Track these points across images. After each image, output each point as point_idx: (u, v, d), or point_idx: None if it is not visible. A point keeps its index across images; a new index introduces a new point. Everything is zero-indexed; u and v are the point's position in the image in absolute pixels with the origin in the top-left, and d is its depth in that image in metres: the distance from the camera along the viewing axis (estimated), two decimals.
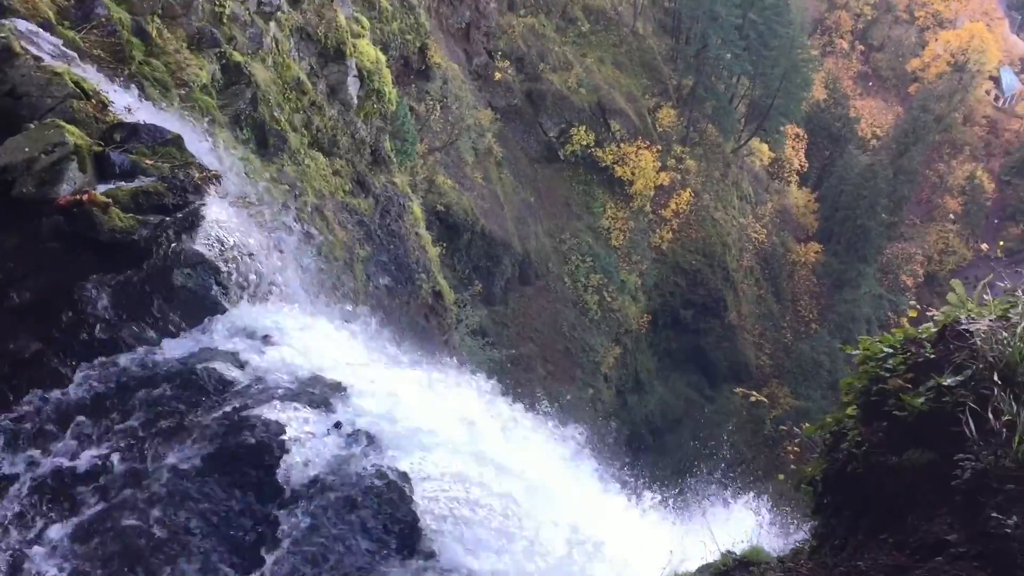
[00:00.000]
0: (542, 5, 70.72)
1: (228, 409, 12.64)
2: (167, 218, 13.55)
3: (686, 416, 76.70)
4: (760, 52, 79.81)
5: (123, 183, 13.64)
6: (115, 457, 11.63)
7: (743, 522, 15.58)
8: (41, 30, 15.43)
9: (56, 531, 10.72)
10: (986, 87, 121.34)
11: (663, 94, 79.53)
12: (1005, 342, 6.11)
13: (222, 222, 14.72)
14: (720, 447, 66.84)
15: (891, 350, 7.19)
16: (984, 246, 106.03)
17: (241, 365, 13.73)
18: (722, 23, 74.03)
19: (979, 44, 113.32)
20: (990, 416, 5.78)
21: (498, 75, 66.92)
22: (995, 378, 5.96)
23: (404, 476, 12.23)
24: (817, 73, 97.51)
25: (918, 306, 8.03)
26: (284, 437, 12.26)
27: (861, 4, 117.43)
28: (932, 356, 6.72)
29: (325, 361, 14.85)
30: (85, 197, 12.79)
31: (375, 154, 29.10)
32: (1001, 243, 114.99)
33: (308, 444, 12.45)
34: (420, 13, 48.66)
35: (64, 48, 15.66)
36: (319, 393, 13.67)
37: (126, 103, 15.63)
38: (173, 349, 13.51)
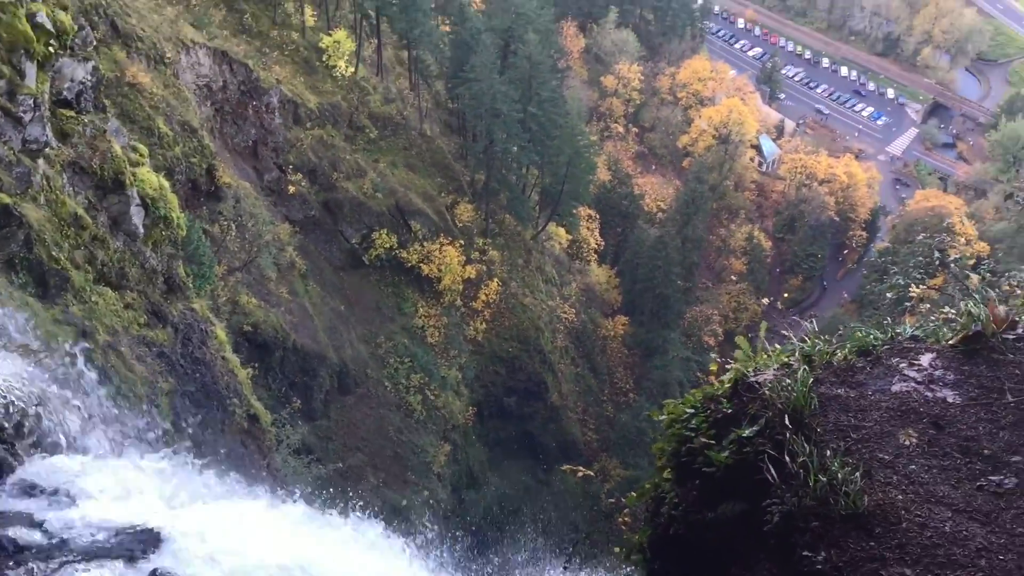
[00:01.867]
0: (328, 116, 71.28)
1: None
2: None
3: (524, 503, 76.63)
4: (544, 142, 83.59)
5: None
6: None
7: None
8: None
9: None
10: (750, 155, 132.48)
11: (458, 190, 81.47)
12: (789, 388, 6.50)
13: (2, 375, 13.62)
14: (560, 528, 67.07)
15: (693, 410, 7.48)
16: (765, 300, 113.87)
17: (38, 525, 12.58)
18: (505, 119, 77.11)
19: (737, 117, 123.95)
20: (787, 460, 6.09)
21: (292, 188, 66.49)
22: (786, 423, 6.30)
23: None
24: (599, 157, 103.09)
25: (718, 361, 8.43)
26: None
27: (629, 90, 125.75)
28: (729, 411, 7.04)
29: (135, 508, 13.86)
30: None
31: (169, 282, 27.99)
32: (786, 295, 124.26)
33: None
34: (203, 136, 47.96)
35: None
36: (130, 544, 12.69)
37: None
38: None
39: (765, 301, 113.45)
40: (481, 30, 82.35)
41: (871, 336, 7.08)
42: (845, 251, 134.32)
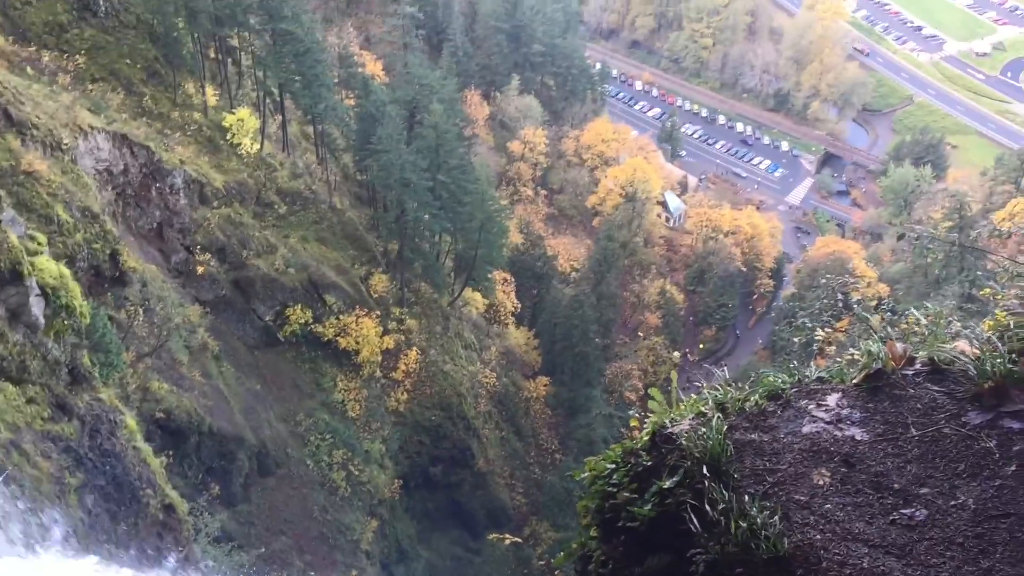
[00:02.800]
0: (235, 194, 70.50)
1: None
2: None
3: (455, 575, 75.31)
4: (455, 209, 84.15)
5: None
6: None
7: None
8: None
9: None
10: (656, 211, 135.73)
11: (372, 261, 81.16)
12: (705, 437, 6.59)
13: None
14: None
15: (614, 465, 7.49)
16: (676, 355, 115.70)
17: None
18: (415, 187, 77.50)
19: (642, 175, 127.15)
20: (708, 508, 6.14)
21: (201, 269, 65.25)
22: (705, 472, 6.36)
23: None
24: (511, 220, 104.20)
25: (638, 417, 8.46)
26: None
27: (536, 154, 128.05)
28: (649, 463, 7.07)
29: None
30: None
31: (74, 373, 26.97)
32: (701, 346, 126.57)
33: None
34: (105, 220, 46.97)
35: None
36: None
37: None
38: None
39: (677, 355, 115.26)
40: (386, 102, 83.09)
41: (779, 380, 7.24)
42: (754, 299, 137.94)
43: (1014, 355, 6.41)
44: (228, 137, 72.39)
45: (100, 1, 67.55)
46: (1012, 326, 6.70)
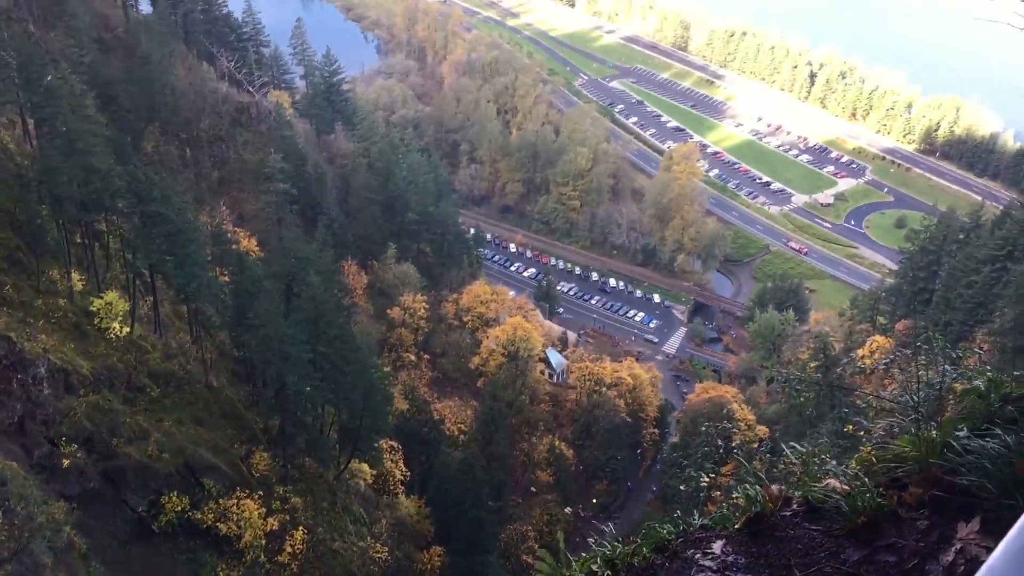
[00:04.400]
0: (104, 381, 67.56)
1: None
2: None
3: None
4: (337, 380, 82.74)
5: None
6: None
7: None
8: None
9: None
10: (539, 368, 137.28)
11: (253, 439, 78.35)
12: None
13: None
14: None
15: None
16: (568, 511, 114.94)
17: None
18: (294, 360, 76.13)
19: (523, 334, 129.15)
20: None
21: (66, 461, 61.34)
22: None
23: None
24: (395, 387, 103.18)
25: None
26: None
27: (416, 320, 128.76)
28: None
29: None
30: None
31: None
32: (595, 500, 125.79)
33: None
34: None
35: None
36: None
37: None
38: None
39: (568, 510, 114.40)
40: (262, 277, 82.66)
41: (665, 531, 7.27)
42: (642, 449, 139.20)
43: (881, 488, 6.65)
44: (96, 321, 70.07)
45: None
46: (875, 460, 6.97)
